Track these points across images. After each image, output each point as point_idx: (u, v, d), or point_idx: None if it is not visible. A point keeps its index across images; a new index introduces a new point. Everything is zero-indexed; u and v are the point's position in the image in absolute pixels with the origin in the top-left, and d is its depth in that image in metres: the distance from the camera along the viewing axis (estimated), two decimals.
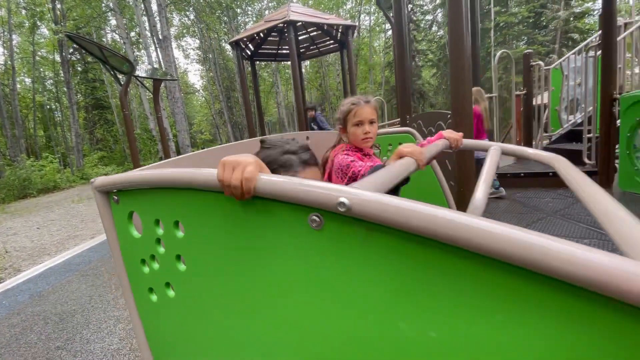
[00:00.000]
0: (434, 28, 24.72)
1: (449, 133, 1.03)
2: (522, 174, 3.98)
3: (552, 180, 3.75)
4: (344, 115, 1.24)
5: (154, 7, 11.74)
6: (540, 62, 4.39)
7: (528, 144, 4.90)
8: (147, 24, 12.27)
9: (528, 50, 4.64)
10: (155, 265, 0.64)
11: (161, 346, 0.71)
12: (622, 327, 0.24)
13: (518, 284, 0.28)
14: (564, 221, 2.66)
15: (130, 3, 13.53)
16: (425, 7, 25.27)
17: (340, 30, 6.36)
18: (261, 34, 6.24)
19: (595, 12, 14.89)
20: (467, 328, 0.32)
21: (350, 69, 6.28)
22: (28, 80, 22.32)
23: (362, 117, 1.20)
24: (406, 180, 0.85)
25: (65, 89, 19.29)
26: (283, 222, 0.42)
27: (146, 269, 0.66)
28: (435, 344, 0.34)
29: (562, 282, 0.25)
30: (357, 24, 5.69)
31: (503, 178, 4.17)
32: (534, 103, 4.76)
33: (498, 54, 4.24)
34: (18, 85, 19.89)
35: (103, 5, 17.22)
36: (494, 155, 0.87)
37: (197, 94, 33.36)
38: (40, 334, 2.56)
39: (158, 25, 11.57)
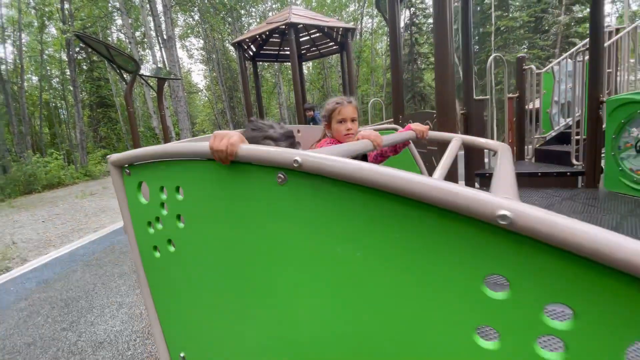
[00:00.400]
0: None
1: (416, 125, 1.17)
2: None
3: (539, 180, 3.87)
4: (329, 113, 1.38)
5: (159, 7, 11.95)
6: (532, 66, 4.51)
7: (520, 145, 5.02)
8: (152, 24, 12.48)
9: (521, 55, 4.77)
10: (159, 226, 0.78)
11: (163, 297, 0.85)
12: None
13: (403, 211, 0.42)
14: None
15: (137, 3, 13.75)
16: (427, 11, 25.38)
17: (340, 32, 6.51)
18: (263, 35, 6.39)
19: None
20: (380, 246, 0.45)
21: (349, 71, 6.43)
22: (35, 79, 22.61)
23: (345, 115, 1.35)
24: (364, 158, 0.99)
25: (70, 87, 19.56)
26: (258, 179, 0.56)
27: (151, 230, 0.80)
28: (361, 260, 0.47)
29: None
30: (356, 26, 5.82)
31: (483, 178, 4.30)
32: (529, 106, 4.88)
33: (491, 57, 4.37)
34: (25, 84, 20.19)
35: (110, 5, 17.47)
36: (455, 144, 1.01)
37: (200, 93, 33.59)
38: (47, 317, 2.70)
39: (163, 26, 11.77)
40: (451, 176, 2.27)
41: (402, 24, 25.58)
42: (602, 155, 3.47)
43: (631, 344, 0.32)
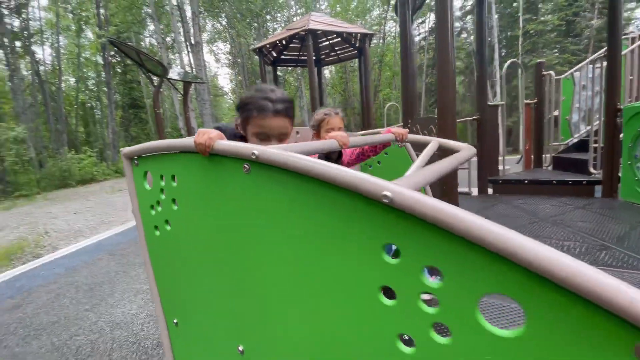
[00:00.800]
0: (463, 35, 24.40)
1: (395, 129, 1.26)
2: (525, 181, 4.04)
3: (554, 188, 3.80)
4: (318, 123, 1.51)
5: (189, 14, 12.52)
6: (552, 72, 4.42)
7: (538, 152, 4.91)
8: (181, 30, 13.08)
9: (540, 60, 4.68)
10: (159, 208, 0.92)
11: (161, 270, 0.99)
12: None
13: (326, 193, 0.52)
14: (553, 226, 2.75)
15: (168, 10, 14.48)
16: (456, 14, 24.96)
17: (358, 37, 6.62)
18: (283, 41, 6.60)
19: (632, 22, 14.27)
20: (312, 223, 0.56)
21: (366, 75, 6.52)
22: (72, 80, 24.16)
23: (333, 125, 1.47)
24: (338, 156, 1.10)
25: (105, 89, 20.78)
26: (230, 169, 0.68)
27: (153, 212, 0.94)
28: (301, 237, 0.58)
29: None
30: (375, 32, 5.89)
31: (508, 184, 4.25)
32: (549, 113, 4.78)
33: (507, 63, 4.33)
34: (63, 85, 21.65)
35: (143, 12, 18.45)
36: (431, 147, 1.09)
37: (225, 96, 34.58)
38: (72, 299, 2.96)
39: (191, 32, 12.32)
40: (448, 182, 2.33)
41: (427, 27, 25.23)
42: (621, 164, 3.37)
43: (481, 297, 0.41)
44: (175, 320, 0.98)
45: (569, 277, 0.33)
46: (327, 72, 28.09)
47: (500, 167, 4.82)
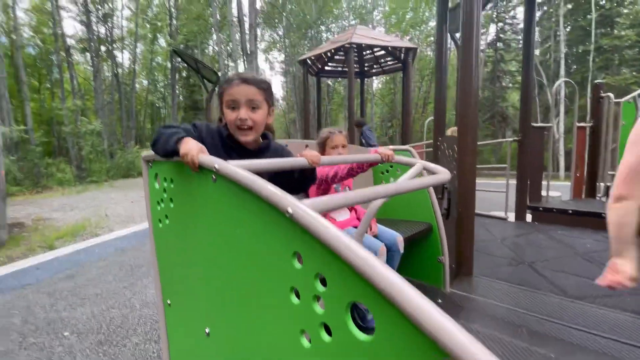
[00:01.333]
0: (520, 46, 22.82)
1: (382, 150, 1.31)
2: (569, 211, 3.72)
3: (603, 222, 3.45)
4: (323, 141, 1.64)
5: (247, 25, 13.42)
6: (610, 94, 4.03)
7: (592, 181, 4.48)
8: (239, 40, 14.05)
9: (598, 81, 4.29)
10: (162, 205, 1.09)
11: (162, 256, 1.17)
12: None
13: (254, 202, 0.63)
14: (586, 262, 2.53)
15: (229, 21, 15.65)
16: (520, 26, 23.48)
17: (402, 51, 6.61)
18: (328, 53, 6.82)
19: None
20: (245, 227, 0.67)
21: (407, 89, 6.48)
22: (145, 82, 27.02)
23: (337, 142, 1.60)
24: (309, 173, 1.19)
25: (170, 91, 22.95)
26: (203, 177, 0.82)
27: (158, 207, 1.12)
28: (240, 238, 0.70)
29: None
30: (417, 46, 5.83)
31: (549, 213, 3.95)
32: (607, 139, 4.36)
33: (557, 82, 4.04)
34: (137, 86, 24.31)
35: (209, 23, 20.15)
36: (415, 169, 1.15)
37: (277, 102, 36.01)
38: (115, 276, 3.36)
39: (247, 41, 13.19)
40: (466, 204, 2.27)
41: (487, 39, 24.03)
42: None
43: (349, 303, 0.49)
44: (168, 302, 1.14)
45: (394, 295, 0.40)
46: (376, 82, 28.07)
47: (544, 194, 4.48)
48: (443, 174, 1.01)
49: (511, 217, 4.26)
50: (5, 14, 17.04)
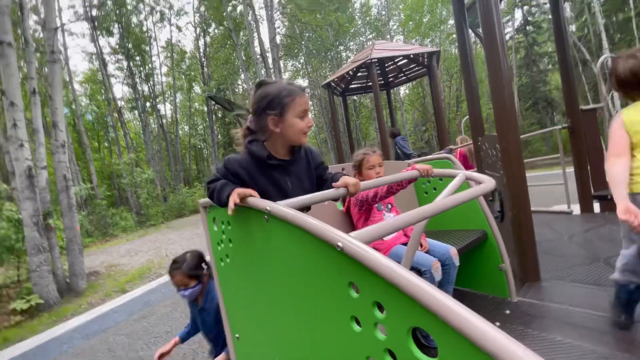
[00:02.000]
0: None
1: (420, 165, 1.31)
2: None
3: None
4: (359, 163, 1.68)
5: (270, 60, 14.21)
6: None
7: None
8: (265, 74, 14.87)
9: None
10: (222, 245, 1.20)
11: (227, 293, 1.26)
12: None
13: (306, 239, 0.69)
14: None
15: (254, 59, 16.68)
16: (546, 5, 22.17)
17: (425, 56, 6.56)
18: (350, 72, 6.97)
19: None
20: (300, 262, 0.73)
21: (436, 91, 6.37)
22: (186, 128, 29.33)
23: (373, 162, 1.63)
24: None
25: (209, 132, 24.66)
26: (256, 217, 0.90)
27: (219, 247, 1.23)
28: (296, 270, 0.75)
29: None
30: (438, 49, 5.72)
31: (604, 200, 3.57)
32: None
33: (601, 59, 3.73)
34: (180, 132, 26.47)
35: (235, 66, 21.66)
36: (458, 180, 1.15)
37: None
38: (182, 313, 3.59)
39: (272, 74, 13.91)
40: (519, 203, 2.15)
41: (515, 25, 22.97)
42: None
43: (410, 328, 0.51)
44: (237, 335, 1.22)
45: (456, 323, 0.42)
46: (403, 88, 27.82)
47: None
48: (487, 182, 0.99)
49: (576, 210, 3.89)
50: (65, 88, 19.75)
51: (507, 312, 1.81)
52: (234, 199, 0.92)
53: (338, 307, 0.65)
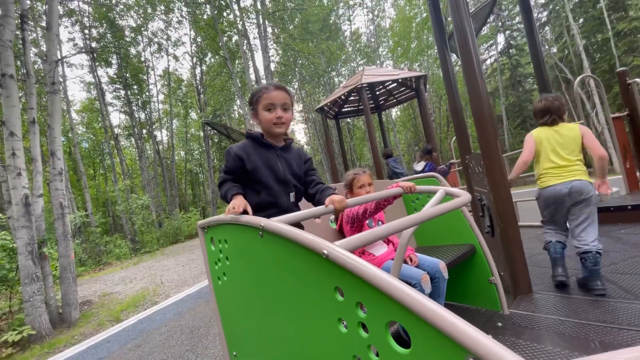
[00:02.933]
0: (545, 47, 22.51)
1: (403, 183, 1.41)
2: (629, 207, 3.45)
3: None
4: (350, 182, 1.78)
5: None
6: (637, 80, 3.87)
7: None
8: None
9: (621, 69, 4.14)
10: (219, 264, 1.26)
11: (224, 311, 1.31)
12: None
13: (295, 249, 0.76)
14: None
15: (249, 86, 17.14)
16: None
17: (413, 80, 6.86)
18: (342, 97, 7.23)
19: None
20: (290, 272, 0.80)
21: (424, 113, 6.61)
22: (182, 153, 29.52)
23: (363, 182, 1.74)
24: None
25: (205, 157, 24.83)
26: (251, 233, 0.98)
27: (216, 266, 1.29)
28: (287, 281, 0.82)
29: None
30: (425, 74, 5.99)
31: (606, 212, 3.67)
32: None
33: (578, 78, 3.96)
34: (176, 157, 26.60)
35: (230, 92, 22.20)
36: (438, 195, 1.24)
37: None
38: (177, 340, 3.53)
39: None
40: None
41: (498, 49, 24.03)
42: None
43: (388, 323, 0.58)
44: (234, 353, 1.26)
45: (426, 315, 0.50)
46: (395, 110, 28.55)
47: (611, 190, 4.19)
48: (463, 196, 1.09)
49: None
50: (63, 117, 19.96)
51: (499, 324, 1.85)
52: (229, 209, 1.06)
53: (327, 311, 0.72)
